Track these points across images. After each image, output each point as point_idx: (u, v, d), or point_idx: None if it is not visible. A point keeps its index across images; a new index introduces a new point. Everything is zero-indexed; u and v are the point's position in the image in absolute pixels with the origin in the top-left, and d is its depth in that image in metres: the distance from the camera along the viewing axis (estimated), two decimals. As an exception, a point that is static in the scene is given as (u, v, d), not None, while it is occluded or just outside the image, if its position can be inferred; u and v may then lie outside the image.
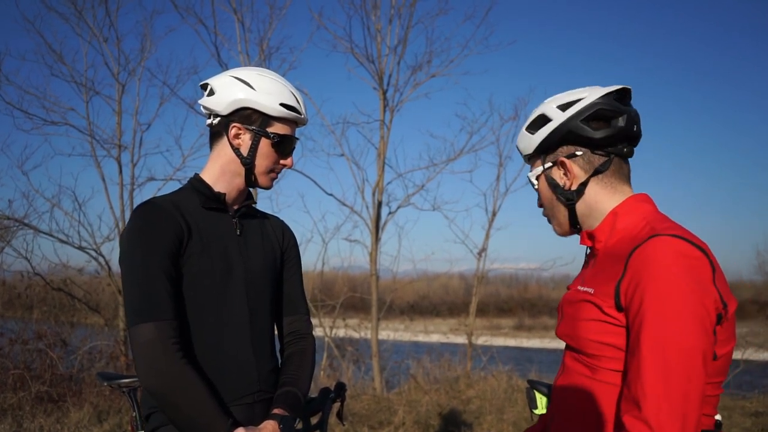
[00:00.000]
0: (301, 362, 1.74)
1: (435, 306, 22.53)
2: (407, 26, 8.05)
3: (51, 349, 6.71)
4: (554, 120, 1.36)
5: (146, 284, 1.44)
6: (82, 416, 5.29)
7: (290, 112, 1.63)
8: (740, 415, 6.01)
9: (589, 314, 1.28)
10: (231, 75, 1.64)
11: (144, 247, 1.47)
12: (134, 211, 1.55)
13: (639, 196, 1.37)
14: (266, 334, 1.69)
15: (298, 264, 1.86)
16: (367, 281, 8.33)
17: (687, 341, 1.12)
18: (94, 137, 7.66)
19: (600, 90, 1.35)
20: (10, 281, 8.35)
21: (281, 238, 1.81)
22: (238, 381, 1.59)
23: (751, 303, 27.35)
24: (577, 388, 1.32)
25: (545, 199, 1.46)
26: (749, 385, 7.31)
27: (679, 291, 1.13)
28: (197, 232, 1.57)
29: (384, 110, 8.10)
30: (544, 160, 1.42)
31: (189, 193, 1.65)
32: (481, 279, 9.46)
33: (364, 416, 5.89)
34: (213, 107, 1.64)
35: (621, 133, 1.33)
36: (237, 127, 1.62)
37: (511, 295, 34.71)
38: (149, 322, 1.42)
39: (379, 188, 8.11)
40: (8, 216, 7.30)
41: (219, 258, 1.59)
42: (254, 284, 1.66)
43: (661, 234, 1.20)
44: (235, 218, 1.68)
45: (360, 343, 9.36)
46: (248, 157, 1.63)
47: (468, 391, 7.01)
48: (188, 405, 1.40)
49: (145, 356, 1.40)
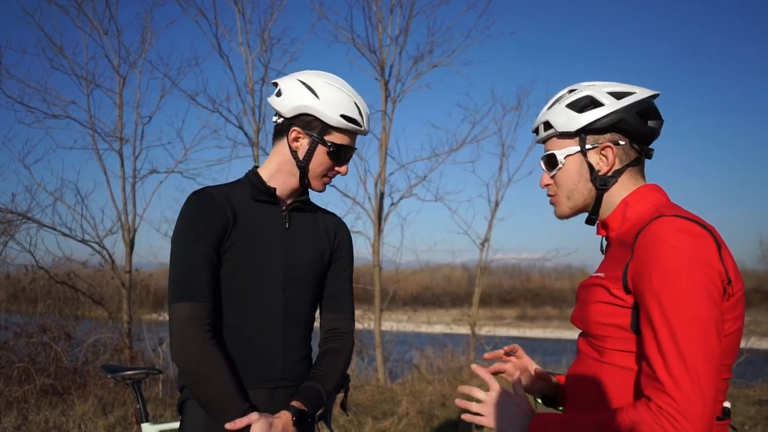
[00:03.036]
0: (333, 360, 1.77)
1: (438, 297, 22.54)
2: (408, 16, 8.04)
3: (55, 343, 6.74)
4: (607, 105, 1.38)
5: (188, 268, 1.56)
6: (86, 409, 5.32)
7: (350, 124, 1.67)
8: (744, 404, 6.01)
9: (598, 297, 1.31)
10: (299, 78, 1.68)
11: (190, 234, 1.59)
12: (188, 198, 1.65)
13: (650, 186, 1.41)
14: (301, 326, 1.74)
15: (349, 263, 1.89)
16: (370, 272, 8.35)
17: (697, 312, 1.14)
18: (95, 130, 7.68)
19: (648, 90, 1.41)
20: (14, 275, 8.38)
21: (333, 235, 1.84)
22: (261, 367, 1.65)
23: (754, 292, 27.35)
24: (586, 371, 1.36)
25: (569, 180, 1.45)
26: (753, 373, 7.32)
27: (683, 265, 1.16)
28: (243, 221, 1.65)
29: (386, 101, 8.08)
30: (583, 140, 1.41)
31: (243, 185, 1.72)
32: (483, 269, 9.47)
33: (367, 407, 5.91)
34: (278, 108, 1.69)
35: (654, 133, 1.41)
36: (297, 131, 1.67)
37: (513, 285, 34.73)
38: (186, 302, 1.53)
39: (381, 179, 8.11)
40: (11, 210, 7.33)
41: (261, 249, 1.66)
42: (294, 277, 1.71)
43: (664, 215, 1.24)
44: (285, 212, 1.74)
45: (363, 334, 9.37)
46: (303, 160, 1.68)
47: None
48: (210, 383, 1.50)
49: (179, 333, 1.52)
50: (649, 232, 1.22)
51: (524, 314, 29.56)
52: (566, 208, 1.48)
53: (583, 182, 1.43)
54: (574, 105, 1.41)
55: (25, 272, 7.87)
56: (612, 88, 1.40)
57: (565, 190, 1.47)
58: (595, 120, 1.38)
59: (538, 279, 37.07)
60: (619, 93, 1.39)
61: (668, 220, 1.22)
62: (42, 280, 8.07)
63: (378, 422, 5.37)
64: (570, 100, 1.43)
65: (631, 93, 1.38)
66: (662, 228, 1.21)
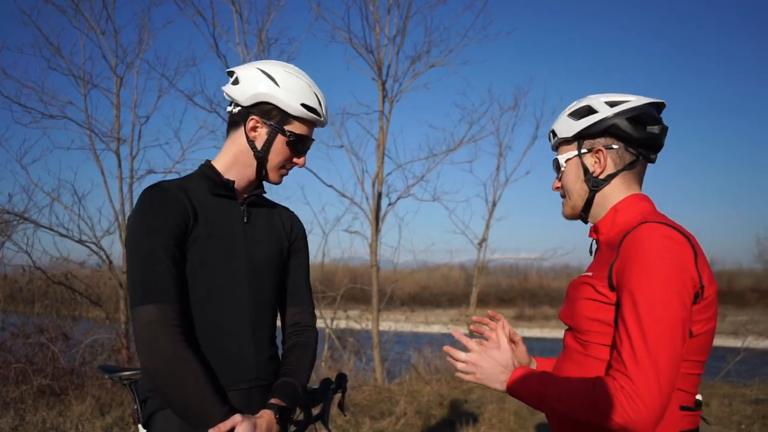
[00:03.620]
0: (302, 354, 1.74)
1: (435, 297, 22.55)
2: (406, 16, 8.03)
3: (53, 343, 6.73)
4: (600, 112, 1.50)
5: (150, 266, 1.45)
6: (84, 409, 5.31)
7: (310, 113, 1.64)
8: (741, 403, 6.03)
9: (585, 294, 1.42)
10: (258, 67, 1.64)
11: (149, 230, 1.48)
12: (141, 194, 1.55)
13: (638, 195, 1.52)
14: (267, 322, 1.70)
15: (305, 256, 1.86)
16: (368, 272, 8.35)
17: (667, 310, 1.26)
18: (92, 130, 7.66)
19: (645, 99, 1.50)
20: (12, 275, 8.35)
21: (290, 228, 1.81)
22: (235, 367, 1.59)
23: (751, 291, 27.42)
24: (571, 365, 1.46)
25: (569, 181, 1.58)
26: (750, 373, 7.34)
27: (661, 267, 1.28)
28: (203, 217, 1.58)
29: (383, 101, 8.08)
30: (580, 145, 1.54)
31: (198, 179, 1.65)
32: (481, 269, 9.48)
33: (365, 407, 5.91)
34: (235, 96, 1.64)
35: (653, 139, 1.49)
36: (255, 120, 1.63)
37: (511, 285, 34.81)
38: (151, 304, 1.42)
39: (378, 179, 8.11)
40: (8, 210, 7.32)
41: (224, 244, 1.60)
42: (258, 272, 1.66)
43: (649, 221, 1.36)
44: (243, 206, 1.69)
45: (361, 334, 9.38)
46: (262, 150, 1.64)
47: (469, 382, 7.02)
48: (186, 388, 1.40)
49: (146, 337, 1.41)
50: (634, 235, 1.34)
51: (522, 314, 29.60)
52: (568, 208, 1.61)
53: (580, 183, 1.55)
54: (575, 114, 1.55)
55: (23, 273, 7.85)
56: (610, 98, 1.51)
57: (567, 192, 1.60)
58: (589, 125, 1.51)
59: (536, 279, 37.15)
60: (614, 101, 1.50)
61: (652, 226, 1.33)
62: (39, 281, 8.07)
63: (376, 422, 5.37)
64: (572, 109, 1.57)
65: (626, 101, 1.50)
66: (646, 232, 1.33)
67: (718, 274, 29.79)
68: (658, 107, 1.52)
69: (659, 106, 1.52)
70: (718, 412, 5.72)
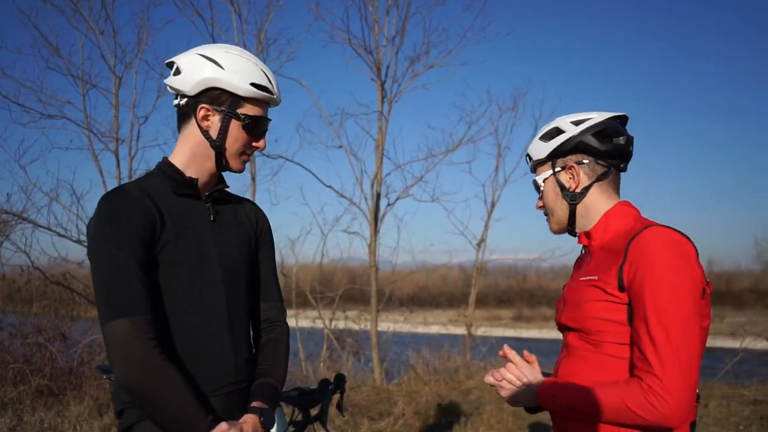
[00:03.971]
0: (275, 352, 1.70)
1: (434, 297, 22.58)
2: (405, 17, 8.03)
3: (51, 343, 6.71)
4: (567, 132, 1.61)
5: (118, 277, 1.38)
6: (82, 410, 5.30)
7: (262, 92, 1.56)
8: (739, 404, 6.03)
9: (593, 296, 1.49)
10: (198, 53, 1.56)
11: (114, 238, 1.40)
12: (101, 199, 1.46)
13: (624, 202, 1.62)
14: (243, 322, 1.66)
15: (271, 249, 1.81)
16: (367, 273, 8.34)
17: (684, 310, 1.36)
18: (91, 130, 7.63)
19: (606, 114, 1.62)
20: (10, 275, 8.33)
21: (255, 222, 1.77)
22: (216, 371, 1.55)
23: (749, 292, 27.37)
24: (582, 363, 1.53)
25: (549, 199, 1.69)
26: (748, 373, 7.34)
27: (674, 269, 1.37)
28: (170, 219, 1.51)
29: (382, 101, 8.08)
30: (554, 164, 1.66)
31: (158, 179, 1.57)
32: (480, 270, 9.48)
33: (364, 407, 5.91)
34: (179, 87, 1.55)
35: (620, 150, 1.60)
36: (205, 108, 1.54)
37: (510, 285, 34.81)
38: (122, 319, 1.35)
39: (377, 180, 8.11)
40: (7, 210, 7.29)
41: (193, 245, 1.54)
42: (231, 270, 1.61)
43: (653, 225, 1.46)
44: (208, 203, 1.62)
45: (359, 334, 9.37)
46: (218, 139, 1.56)
47: (468, 382, 7.04)
48: (168, 401, 1.36)
49: (122, 353, 1.34)
50: (642, 239, 1.43)
51: (520, 315, 29.60)
52: (554, 224, 1.72)
53: (559, 200, 1.66)
54: (545, 136, 1.67)
55: (21, 273, 7.82)
56: (574, 118, 1.63)
57: (549, 209, 1.70)
58: (559, 145, 1.62)
59: (535, 279, 37.14)
60: (579, 120, 1.62)
61: (658, 229, 1.44)
62: (37, 281, 8.03)
63: (374, 423, 5.37)
64: (542, 132, 1.69)
65: (589, 118, 1.61)
66: (654, 236, 1.42)
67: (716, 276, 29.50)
68: (621, 120, 1.63)
69: (622, 119, 1.64)
70: (716, 413, 5.73)
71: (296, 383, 7.04)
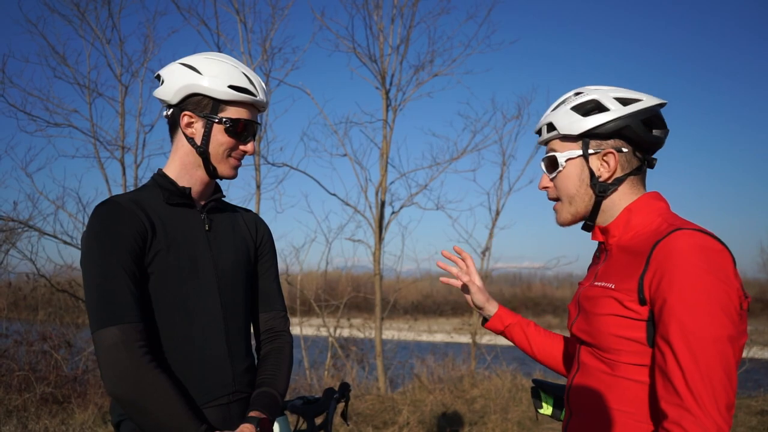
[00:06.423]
0: (277, 361, 1.69)
1: (439, 305, 22.51)
2: (409, 26, 8.06)
3: (56, 351, 6.74)
4: (613, 111, 1.35)
5: (108, 286, 1.38)
6: (87, 417, 5.30)
7: (241, 95, 1.55)
8: (746, 414, 5.99)
9: (609, 309, 1.29)
10: (179, 62, 1.59)
11: (104, 248, 1.40)
12: (93, 211, 1.47)
13: (652, 193, 1.39)
14: (241, 331, 1.64)
15: (273, 258, 1.80)
16: (371, 281, 8.34)
17: (716, 330, 1.14)
18: (97, 139, 7.69)
19: (653, 98, 1.38)
20: (16, 283, 8.38)
21: (254, 232, 1.76)
22: (213, 381, 1.54)
23: (755, 301, 27.25)
24: (596, 385, 1.33)
25: (570, 184, 1.43)
26: (755, 383, 7.30)
27: (704, 282, 1.15)
28: (162, 229, 1.51)
29: (387, 110, 8.10)
30: (587, 144, 1.39)
31: (152, 190, 1.58)
32: (484, 278, 9.45)
33: (368, 416, 5.89)
34: (163, 97, 1.58)
35: (658, 143, 1.38)
36: (188, 115, 1.55)
37: (514, 294, 34.66)
38: (113, 326, 1.35)
39: (382, 188, 8.11)
40: (13, 218, 7.33)
41: (186, 255, 1.53)
42: (226, 280, 1.60)
43: (682, 228, 1.22)
44: (203, 213, 1.62)
45: (364, 343, 9.36)
46: (202, 145, 1.56)
47: (472, 391, 7.01)
48: (158, 411, 1.34)
49: (110, 362, 1.34)
50: (669, 245, 1.20)
51: (525, 323, 29.44)
52: (568, 214, 1.45)
53: (584, 187, 1.40)
54: (579, 108, 1.39)
55: (26, 280, 7.86)
56: (619, 94, 1.37)
57: (566, 195, 1.44)
58: (600, 125, 1.36)
59: (539, 288, 37.02)
60: (626, 99, 1.36)
61: (688, 234, 1.20)
62: (43, 288, 8.07)
63: (378, 431, 5.35)
64: (575, 102, 1.40)
65: (638, 100, 1.36)
66: (682, 242, 1.19)
67: (722, 284, 29.75)
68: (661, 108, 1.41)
69: (662, 106, 1.41)
70: (722, 423, 5.69)
71: (300, 392, 7.03)
